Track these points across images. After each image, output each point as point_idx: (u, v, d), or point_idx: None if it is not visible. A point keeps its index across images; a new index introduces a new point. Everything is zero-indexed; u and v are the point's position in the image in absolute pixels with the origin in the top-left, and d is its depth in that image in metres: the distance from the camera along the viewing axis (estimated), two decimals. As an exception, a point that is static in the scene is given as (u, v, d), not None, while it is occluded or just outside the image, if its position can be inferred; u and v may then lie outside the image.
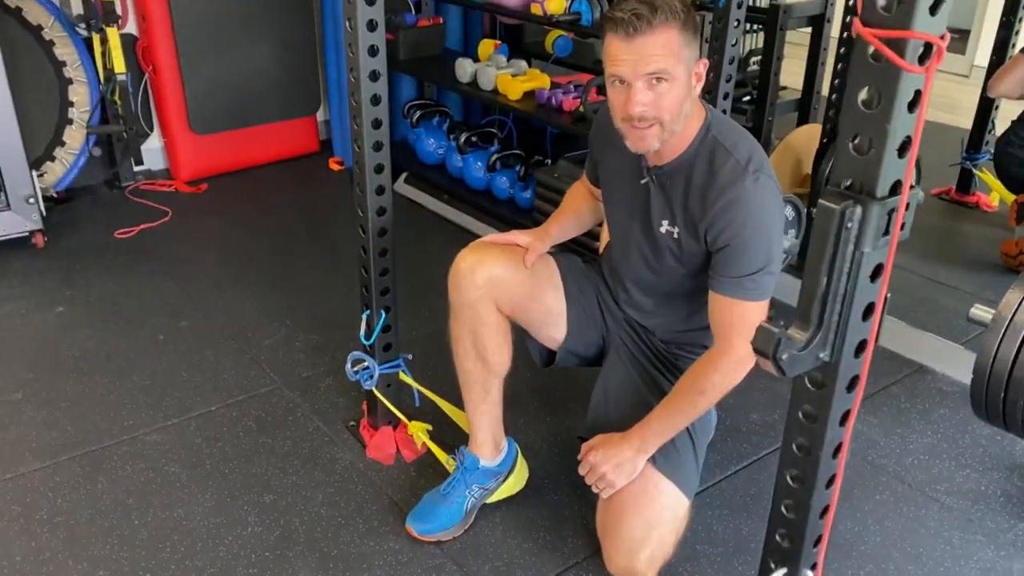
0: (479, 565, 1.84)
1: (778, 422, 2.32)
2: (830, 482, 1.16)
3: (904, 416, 2.35)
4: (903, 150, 0.95)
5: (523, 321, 1.91)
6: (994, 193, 3.55)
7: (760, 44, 3.47)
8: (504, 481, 2.00)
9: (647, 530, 1.71)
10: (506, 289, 1.82)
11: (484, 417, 1.94)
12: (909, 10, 0.88)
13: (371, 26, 1.79)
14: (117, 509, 1.97)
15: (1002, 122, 3.56)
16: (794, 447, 1.15)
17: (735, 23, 2.43)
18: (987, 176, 3.53)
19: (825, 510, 1.18)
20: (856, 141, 0.96)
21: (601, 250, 2.15)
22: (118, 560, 1.83)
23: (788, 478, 1.17)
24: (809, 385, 1.10)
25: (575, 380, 2.39)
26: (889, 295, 1.07)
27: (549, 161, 3.29)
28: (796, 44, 3.34)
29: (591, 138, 1.92)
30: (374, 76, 1.84)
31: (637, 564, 1.71)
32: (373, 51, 1.82)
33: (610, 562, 1.75)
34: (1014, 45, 3.44)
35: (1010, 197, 3.25)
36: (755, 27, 3.30)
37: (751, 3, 3.57)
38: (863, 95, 0.94)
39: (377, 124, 1.88)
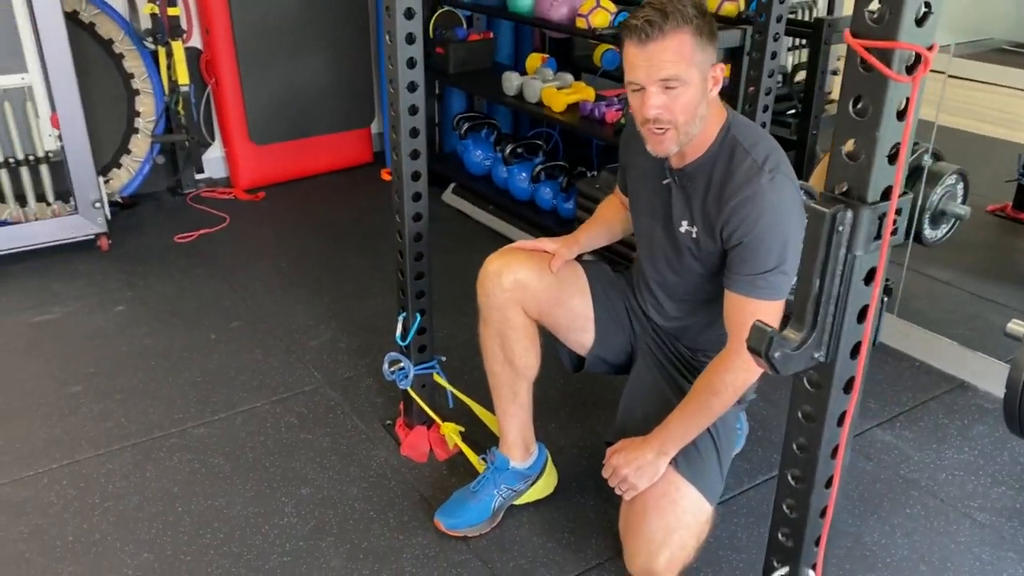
0: (504, 562, 1.89)
1: (811, 434, 2.31)
2: (828, 483, 1.18)
3: (941, 432, 2.33)
4: (893, 157, 0.98)
5: (550, 325, 1.95)
6: (1052, 211, 3.48)
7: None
8: (533, 485, 2.04)
9: (667, 532, 1.73)
10: (532, 293, 1.87)
11: (513, 420, 1.99)
12: (896, 22, 0.91)
13: (409, 39, 1.88)
14: (163, 497, 2.08)
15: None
16: (794, 447, 1.17)
17: (775, 36, 2.45)
18: (1044, 193, 3.46)
19: (824, 510, 1.20)
20: (848, 148, 0.99)
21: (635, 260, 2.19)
22: (162, 544, 1.93)
23: (789, 477, 1.20)
24: (807, 386, 1.13)
25: (606, 387, 2.42)
26: (885, 298, 1.09)
27: (594, 173, 3.34)
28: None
29: (621, 145, 1.97)
30: (412, 87, 1.92)
31: (656, 565, 1.73)
32: (411, 63, 1.90)
33: (630, 562, 1.78)
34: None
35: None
36: (801, 43, 3.30)
37: (799, 17, 3.57)
38: (853, 104, 0.97)
39: (415, 133, 1.96)
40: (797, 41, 3.41)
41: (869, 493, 2.11)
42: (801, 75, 3.51)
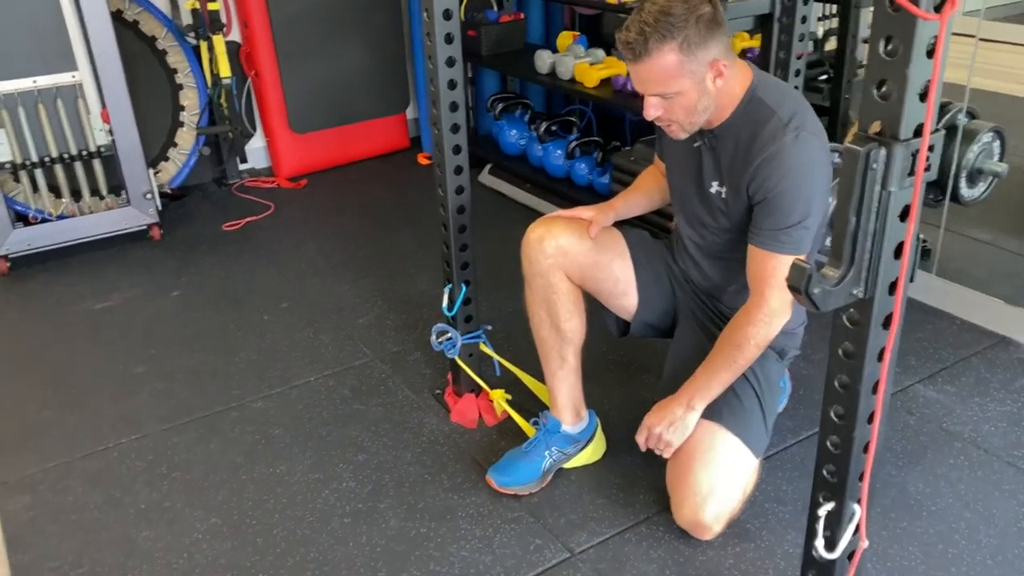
0: (555, 518, 1.96)
1: (853, 391, 2.35)
2: (870, 418, 1.22)
3: (983, 386, 2.35)
4: (923, 95, 1.02)
5: (593, 290, 2.01)
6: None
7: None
8: (582, 450, 2.10)
9: (713, 484, 1.79)
10: (573, 258, 1.93)
11: (563, 384, 2.05)
12: (922, -39, 0.95)
13: (447, 15, 1.94)
14: (228, 466, 2.17)
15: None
16: (836, 384, 1.22)
17: (804, 1, 2.47)
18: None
19: (867, 445, 1.24)
20: (880, 88, 1.04)
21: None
22: (228, 509, 2.03)
23: (832, 415, 1.25)
24: (847, 323, 1.18)
25: (646, 351, 2.48)
26: (924, 238, 1.13)
27: (628, 148, 3.38)
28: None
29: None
30: (450, 62, 1.99)
31: (703, 516, 1.79)
32: (449, 39, 1.97)
33: (678, 514, 1.85)
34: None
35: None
36: (831, 11, 3.30)
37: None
38: (883, 44, 1.02)
39: (454, 107, 2.03)
40: (827, 9, 3.41)
41: (913, 446, 2.14)
42: (832, 42, 3.51)
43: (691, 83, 1.63)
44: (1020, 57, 4.13)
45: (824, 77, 3.23)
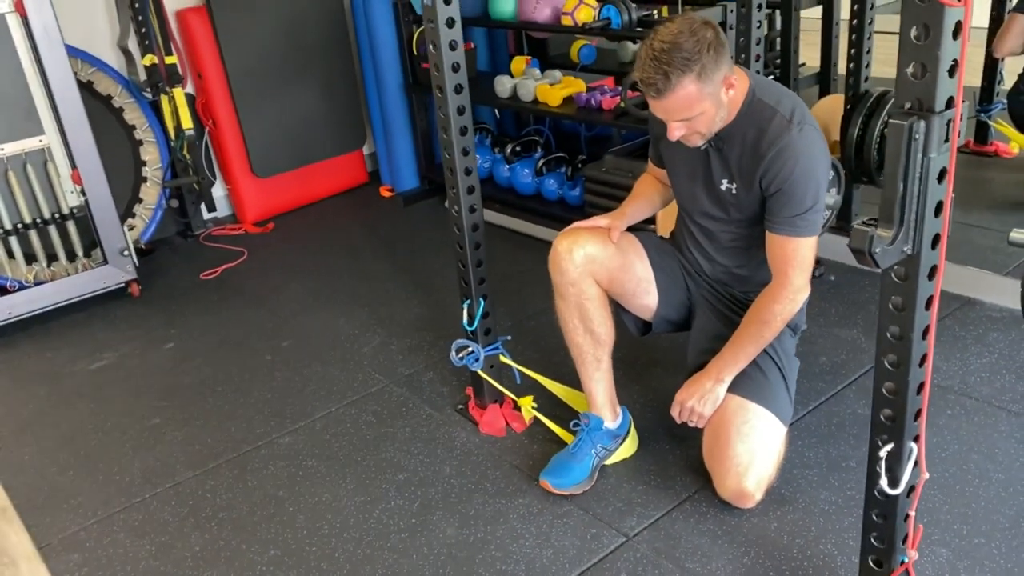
0: (603, 508, 2.06)
1: (846, 362, 2.53)
2: (923, 360, 1.38)
3: (961, 343, 2.56)
4: (952, 71, 1.18)
5: (617, 293, 2.13)
6: (1013, 142, 3.76)
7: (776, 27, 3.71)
8: (621, 444, 2.21)
9: (752, 455, 1.93)
10: (601, 264, 2.05)
11: (600, 385, 2.17)
12: (946, -41, 1.11)
13: (452, 46, 2.06)
14: (271, 500, 2.21)
15: (1009, 74, 3.78)
16: (888, 335, 1.37)
17: (758, 6, 2.67)
18: (1003, 126, 3.74)
19: (921, 386, 1.39)
20: (912, 69, 1.19)
21: (661, 233, 2.40)
22: (284, 540, 2.07)
23: (886, 363, 1.39)
24: (895, 279, 1.33)
25: (653, 348, 2.61)
26: (953, 195, 1.29)
27: (582, 160, 3.55)
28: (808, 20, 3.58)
29: (651, 121, 2.16)
30: (458, 89, 2.10)
31: (747, 485, 1.93)
32: (456, 67, 2.08)
33: (722, 486, 1.97)
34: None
35: (1028, 142, 3.46)
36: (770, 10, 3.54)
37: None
38: (915, 31, 1.17)
39: (464, 131, 2.14)
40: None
41: (911, 403, 2.32)
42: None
43: (710, 102, 1.79)
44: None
45: (771, 77, 3.46)
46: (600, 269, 2.06)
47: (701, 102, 1.77)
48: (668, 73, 1.72)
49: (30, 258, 3.33)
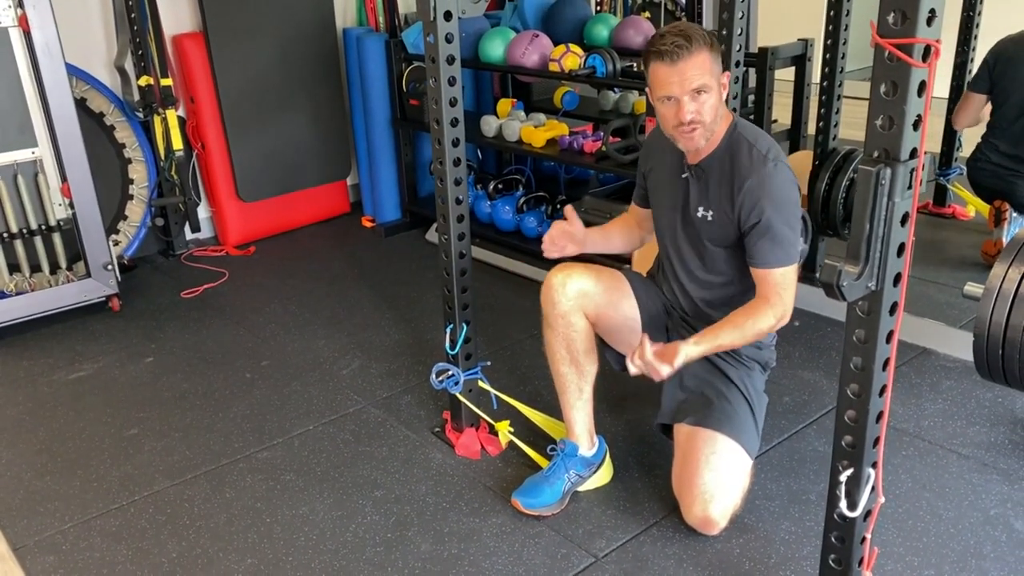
0: (573, 529, 2.14)
1: (808, 402, 2.65)
2: (882, 391, 1.49)
3: (916, 390, 2.69)
4: (916, 125, 1.31)
5: (603, 328, 2.23)
6: (970, 205, 3.96)
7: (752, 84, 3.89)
8: (595, 472, 2.29)
9: (718, 484, 2.02)
10: (591, 299, 2.15)
11: (579, 413, 2.25)
12: (912, 23, 1.25)
13: (451, 82, 2.17)
14: (249, 512, 2.25)
15: (967, 142, 4.00)
16: (851, 366, 1.48)
17: (736, 63, 2.83)
18: (960, 190, 3.95)
19: (880, 415, 1.50)
20: (880, 121, 1.32)
21: (635, 268, 2.52)
22: (261, 550, 2.11)
23: (848, 392, 1.50)
24: (859, 313, 1.44)
25: (632, 382, 2.68)
26: (913, 239, 1.42)
27: (562, 200, 3.69)
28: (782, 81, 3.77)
29: (640, 159, 2.30)
30: (454, 123, 2.21)
31: (713, 513, 2.01)
32: (453, 102, 2.19)
33: (689, 514, 2.06)
34: (970, 72, 3.90)
35: (984, 207, 3.65)
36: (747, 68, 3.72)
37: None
38: (884, 87, 1.30)
39: (457, 162, 2.24)
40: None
41: (869, 443, 2.43)
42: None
43: (716, 84, 1.94)
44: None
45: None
46: (590, 304, 2.15)
47: (711, 77, 1.91)
48: (690, 37, 1.88)
49: (13, 268, 3.36)
